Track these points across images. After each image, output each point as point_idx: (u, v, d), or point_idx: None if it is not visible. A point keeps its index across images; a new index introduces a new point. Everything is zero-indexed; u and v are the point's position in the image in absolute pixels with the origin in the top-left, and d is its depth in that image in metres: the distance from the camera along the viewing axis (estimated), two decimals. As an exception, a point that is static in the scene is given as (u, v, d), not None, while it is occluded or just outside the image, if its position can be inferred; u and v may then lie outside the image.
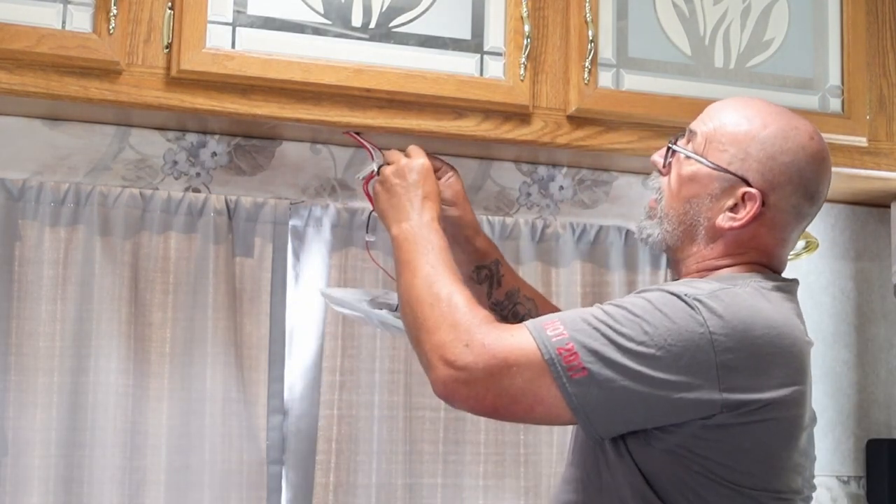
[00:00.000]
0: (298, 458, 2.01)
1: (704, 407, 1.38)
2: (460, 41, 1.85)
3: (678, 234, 1.56)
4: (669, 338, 1.37)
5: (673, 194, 1.55)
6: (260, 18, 1.75)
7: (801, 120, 1.57)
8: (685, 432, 1.40)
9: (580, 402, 1.37)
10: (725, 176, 1.51)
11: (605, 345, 1.37)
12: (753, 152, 1.51)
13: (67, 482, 1.86)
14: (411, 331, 1.51)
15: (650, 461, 1.43)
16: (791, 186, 1.52)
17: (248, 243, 1.99)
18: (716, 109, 1.58)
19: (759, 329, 1.40)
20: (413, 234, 1.60)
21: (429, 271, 1.53)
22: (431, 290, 1.50)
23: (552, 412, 1.39)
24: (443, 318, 1.46)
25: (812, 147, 1.54)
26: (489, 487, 2.08)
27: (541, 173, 2.17)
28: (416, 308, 1.50)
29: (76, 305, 1.88)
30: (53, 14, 1.65)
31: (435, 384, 1.44)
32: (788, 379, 1.42)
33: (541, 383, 1.38)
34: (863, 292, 2.47)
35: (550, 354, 1.37)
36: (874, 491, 2.37)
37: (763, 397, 1.39)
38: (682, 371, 1.36)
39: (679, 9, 1.99)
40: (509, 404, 1.40)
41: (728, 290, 1.44)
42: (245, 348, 1.97)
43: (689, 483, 1.42)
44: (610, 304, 1.44)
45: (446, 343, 1.43)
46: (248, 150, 2.00)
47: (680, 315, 1.38)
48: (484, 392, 1.40)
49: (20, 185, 1.87)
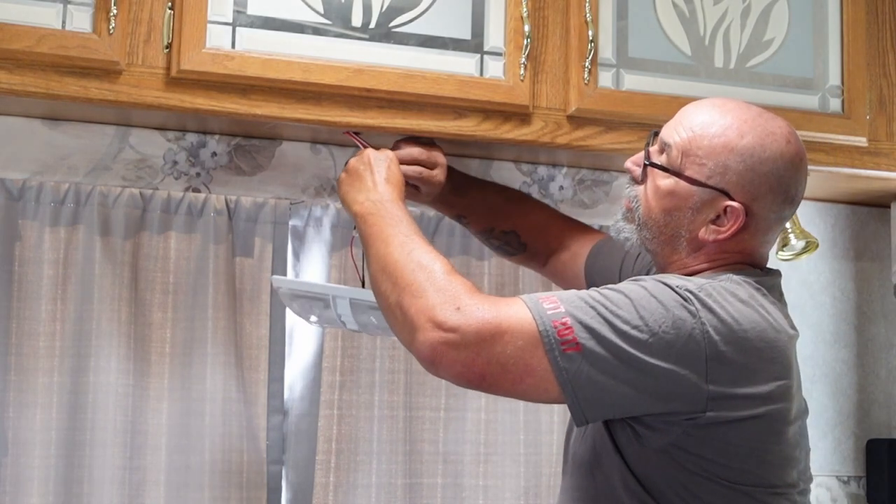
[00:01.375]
0: (298, 458, 2.01)
1: (691, 399, 1.37)
2: (460, 41, 1.85)
3: (658, 243, 1.55)
4: (664, 325, 1.37)
5: (652, 205, 1.53)
6: (260, 18, 1.75)
7: (776, 121, 1.53)
8: (676, 431, 1.40)
9: (569, 377, 1.36)
10: (705, 190, 1.49)
11: (601, 323, 1.36)
12: (732, 164, 1.48)
13: (67, 482, 1.86)
14: (390, 297, 1.45)
15: (643, 462, 1.43)
16: (772, 195, 1.50)
17: (248, 243, 1.99)
18: (687, 116, 1.53)
19: (746, 324, 1.40)
20: (378, 208, 1.58)
21: (403, 240, 1.50)
22: (411, 257, 1.46)
23: (540, 385, 1.37)
24: (428, 282, 1.42)
25: (790, 152, 1.51)
26: (489, 487, 2.08)
27: (541, 173, 2.17)
28: (395, 274, 1.46)
29: (76, 305, 1.88)
30: (53, 14, 1.65)
31: (422, 347, 1.38)
32: (774, 373, 1.42)
33: (532, 353, 1.36)
34: (863, 292, 2.47)
35: (545, 326, 1.36)
36: (874, 491, 2.37)
37: (749, 391, 1.39)
38: (672, 359, 1.36)
39: (679, 9, 1.99)
40: (498, 372, 1.37)
41: (713, 283, 1.44)
42: (245, 348, 1.97)
43: (683, 482, 1.42)
44: (606, 287, 1.43)
45: (436, 305, 1.39)
46: (248, 150, 2.00)
47: (673, 304, 1.38)
48: (474, 357, 1.36)
49: (20, 185, 1.88)
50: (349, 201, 1.64)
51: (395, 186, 1.64)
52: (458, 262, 2.09)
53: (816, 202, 2.43)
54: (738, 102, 1.55)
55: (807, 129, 2.02)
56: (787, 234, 2.20)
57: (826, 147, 2.05)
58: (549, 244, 1.91)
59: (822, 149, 2.04)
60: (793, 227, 2.20)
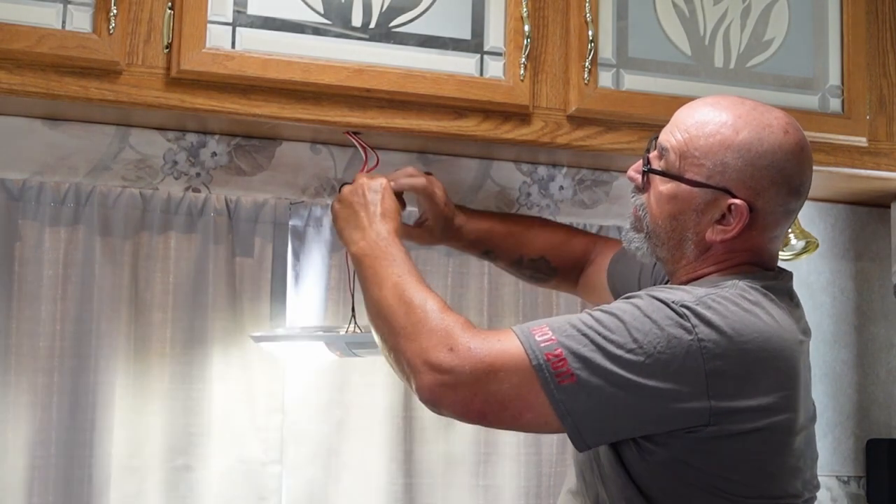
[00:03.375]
0: (298, 458, 2.01)
1: (693, 415, 1.36)
2: (460, 41, 1.85)
3: (667, 249, 1.54)
4: (658, 345, 1.35)
5: (656, 212, 1.53)
6: (260, 18, 1.75)
7: (773, 113, 1.51)
8: (678, 445, 1.38)
9: (567, 409, 1.35)
10: (707, 190, 1.48)
11: (594, 351, 1.35)
12: (731, 161, 1.47)
13: (67, 482, 1.86)
14: (387, 341, 1.47)
15: (645, 474, 1.42)
16: (775, 188, 1.48)
17: (248, 243, 1.99)
18: (682, 118, 1.52)
19: (747, 335, 1.38)
20: (372, 249, 1.58)
21: (396, 280, 1.51)
22: (403, 298, 1.47)
23: (540, 419, 1.37)
24: (420, 324, 1.43)
25: (789, 143, 1.49)
26: (489, 487, 2.08)
27: (541, 173, 2.17)
28: (389, 318, 1.47)
29: (76, 305, 1.88)
30: (53, 14, 1.65)
31: (420, 391, 1.40)
32: (777, 384, 1.40)
33: (529, 389, 1.36)
34: (863, 292, 2.47)
35: (538, 360, 1.35)
36: (874, 491, 2.37)
37: (752, 404, 1.38)
38: (671, 378, 1.35)
39: (679, 9, 1.99)
40: (498, 410, 1.38)
41: (714, 294, 1.41)
42: (245, 348, 1.97)
43: (685, 495, 1.41)
44: (598, 309, 1.41)
45: (429, 348, 1.40)
46: (248, 150, 2.00)
47: (668, 322, 1.36)
48: (471, 396, 1.37)
49: (20, 185, 1.87)
50: (345, 239, 1.66)
51: (390, 220, 1.64)
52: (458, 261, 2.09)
53: (816, 202, 2.43)
54: (732, 98, 1.53)
55: (807, 129, 1.99)
56: (787, 234, 2.20)
57: (826, 147, 2.05)
58: (576, 262, 1.93)
59: (822, 149, 2.04)
60: (793, 227, 2.20)
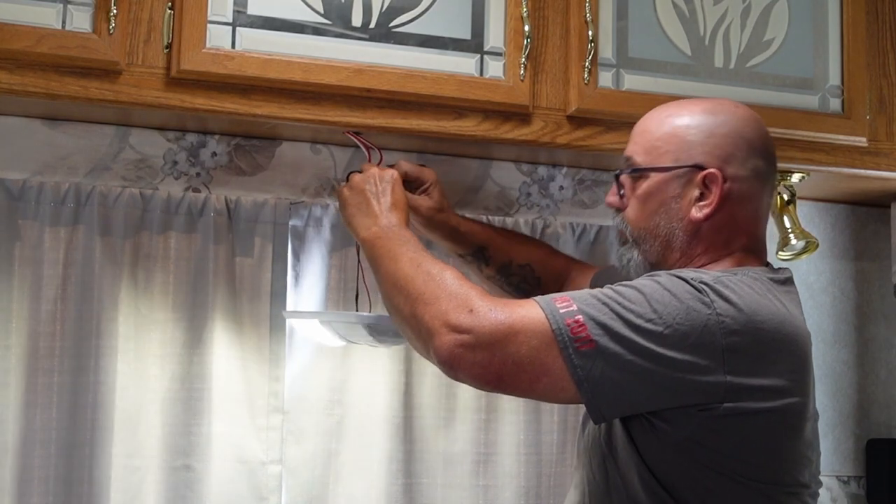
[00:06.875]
0: (298, 459, 2.01)
1: (708, 389, 1.38)
2: (460, 41, 1.85)
3: (657, 248, 1.56)
4: (678, 317, 1.38)
5: (638, 217, 1.57)
6: (260, 18, 1.75)
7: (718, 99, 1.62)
8: (693, 424, 1.40)
9: (585, 375, 1.37)
10: (679, 172, 1.54)
11: (614, 319, 1.38)
12: (692, 138, 1.54)
13: (67, 482, 1.86)
14: (404, 310, 1.49)
15: (658, 457, 1.43)
16: (741, 152, 1.54)
17: (248, 243, 1.99)
18: (636, 129, 1.62)
19: (763, 314, 1.42)
20: (384, 234, 1.61)
21: (412, 255, 1.54)
22: (421, 269, 1.50)
23: (557, 385, 1.39)
24: (440, 289, 1.45)
25: (741, 112, 1.58)
26: (489, 487, 2.08)
27: (541, 173, 2.17)
28: (407, 286, 1.49)
29: (76, 305, 1.88)
30: (53, 14, 1.65)
31: (439, 351, 1.41)
32: (791, 367, 1.43)
33: (547, 353, 1.38)
34: (863, 292, 2.47)
35: (558, 324, 1.38)
36: (874, 491, 2.37)
37: (766, 383, 1.40)
38: (689, 350, 1.37)
39: (679, 9, 1.99)
40: (515, 372, 1.39)
41: (729, 275, 1.46)
42: (245, 348, 1.97)
43: (699, 478, 1.42)
44: (620, 284, 1.45)
45: (449, 310, 1.42)
46: (248, 150, 2.00)
47: (687, 297, 1.40)
48: (490, 357, 1.39)
49: (20, 185, 1.87)
50: (355, 226, 1.68)
51: (401, 211, 1.67)
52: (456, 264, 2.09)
53: (816, 202, 2.43)
54: (678, 101, 1.64)
55: (807, 129, 2.03)
56: (788, 234, 2.20)
57: (826, 147, 2.06)
58: (557, 276, 1.96)
59: (822, 149, 2.05)
60: (793, 227, 2.20)
